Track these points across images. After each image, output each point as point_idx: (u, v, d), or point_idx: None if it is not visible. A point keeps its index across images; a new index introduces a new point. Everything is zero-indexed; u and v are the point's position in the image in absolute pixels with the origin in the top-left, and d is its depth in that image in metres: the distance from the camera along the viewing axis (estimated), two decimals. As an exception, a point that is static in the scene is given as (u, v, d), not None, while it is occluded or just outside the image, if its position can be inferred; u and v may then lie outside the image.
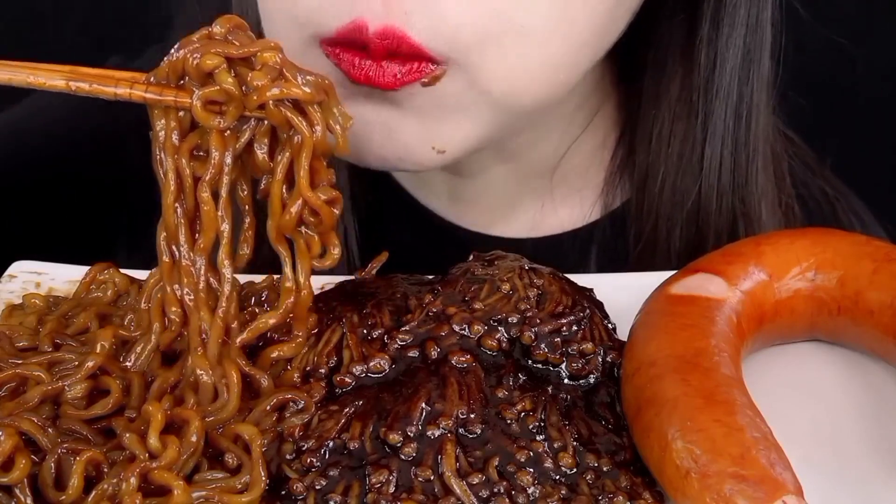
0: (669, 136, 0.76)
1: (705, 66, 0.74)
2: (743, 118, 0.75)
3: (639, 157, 0.78)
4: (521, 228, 0.81)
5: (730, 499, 0.47)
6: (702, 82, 0.74)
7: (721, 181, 0.76)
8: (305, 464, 0.53)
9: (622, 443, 0.55)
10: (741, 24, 0.73)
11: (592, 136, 0.81)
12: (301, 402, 0.55)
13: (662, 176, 0.76)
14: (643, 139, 0.78)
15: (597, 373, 0.58)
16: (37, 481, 0.50)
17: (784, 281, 0.60)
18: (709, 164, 0.75)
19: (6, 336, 0.58)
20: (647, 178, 0.77)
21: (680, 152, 0.76)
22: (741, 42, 0.73)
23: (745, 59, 0.74)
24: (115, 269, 0.64)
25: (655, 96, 0.77)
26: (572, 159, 0.80)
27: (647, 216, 0.78)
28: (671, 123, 0.76)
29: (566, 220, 0.81)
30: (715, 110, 0.75)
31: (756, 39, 0.74)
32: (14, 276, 0.66)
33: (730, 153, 0.76)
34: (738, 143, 0.76)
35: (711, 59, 0.74)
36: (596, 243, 0.80)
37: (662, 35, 0.76)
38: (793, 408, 0.58)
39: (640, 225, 0.78)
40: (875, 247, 0.61)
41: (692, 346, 0.55)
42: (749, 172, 0.76)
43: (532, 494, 0.51)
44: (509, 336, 0.58)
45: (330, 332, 0.58)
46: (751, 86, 0.75)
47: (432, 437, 0.53)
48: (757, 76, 0.75)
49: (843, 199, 0.86)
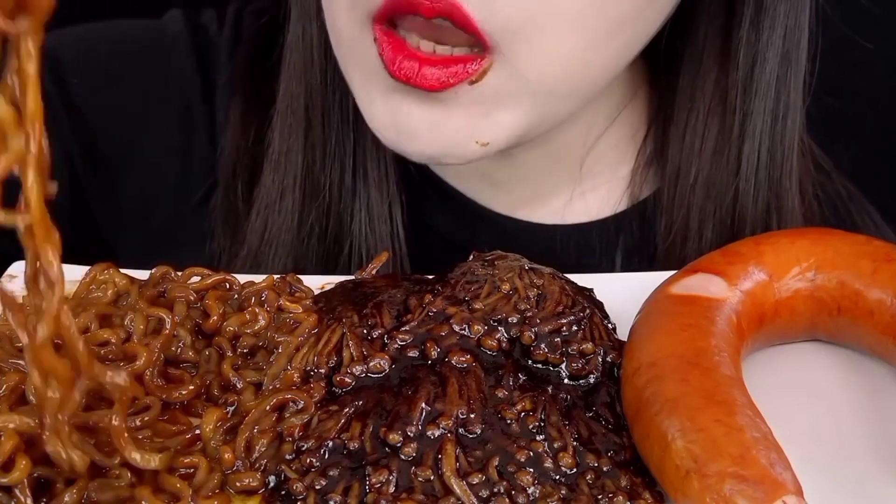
0: (704, 130, 0.77)
1: (744, 66, 0.75)
2: (779, 118, 0.76)
3: (672, 150, 0.78)
4: (549, 215, 0.81)
5: (730, 499, 0.47)
6: (740, 81, 0.75)
7: (758, 177, 0.77)
8: (305, 464, 0.53)
9: (622, 443, 0.55)
10: (781, 26, 0.74)
11: (622, 128, 0.81)
12: (301, 402, 0.55)
13: (696, 170, 0.77)
14: (676, 134, 0.78)
15: (597, 373, 0.58)
16: (37, 482, 0.51)
17: (784, 281, 0.60)
18: (747, 161, 0.76)
19: (6, 336, 0.58)
20: (679, 172, 0.78)
21: (714, 147, 0.77)
22: (780, 43, 0.74)
23: (784, 60, 0.75)
24: (115, 269, 0.64)
25: (691, 92, 0.77)
26: (601, 149, 0.80)
27: (679, 209, 0.78)
28: (706, 118, 0.77)
29: (594, 210, 0.82)
30: (754, 109, 0.75)
31: (794, 40, 0.74)
32: (14, 276, 0.66)
33: (767, 150, 0.76)
34: (775, 141, 0.76)
35: (751, 59, 0.74)
36: (623, 233, 0.81)
37: (699, 33, 0.76)
38: (793, 408, 0.58)
39: (670, 217, 0.79)
40: (875, 247, 0.61)
41: (692, 346, 0.55)
42: (784, 167, 0.77)
43: (532, 494, 0.51)
44: (509, 336, 0.58)
45: (330, 332, 0.58)
46: (788, 86, 0.76)
47: (432, 437, 0.53)
48: (794, 77, 0.76)
49: (856, 201, 0.87)
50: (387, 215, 0.77)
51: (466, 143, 0.66)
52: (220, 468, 0.52)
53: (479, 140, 0.65)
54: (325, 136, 0.77)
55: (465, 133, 0.65)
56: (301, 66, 0.77)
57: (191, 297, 0.61)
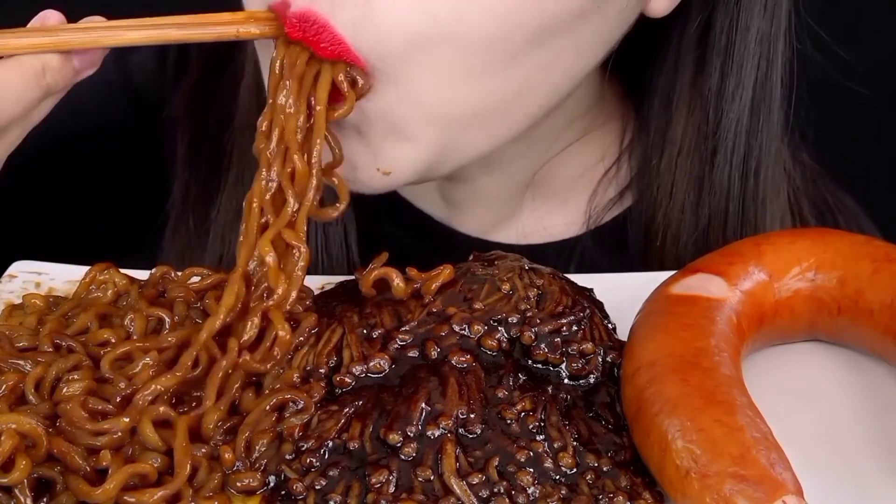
0: (677, 158, 0.76)
1: (713, 115, 0.74)
2: (751, 171, 0.75)
3: (645, 179, 0.78)
4: (512, 235, 0.81)
5: (730, 499, 0.47)
6: (710, 130, 0.74)
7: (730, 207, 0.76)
8: (305, 464, 0.53)
9: (622, 443, 0.55)
10: (748, 77, 0.72)
11: (589, 152, 0.80)
12: (301, 402, 0.55)
13: (671, 198, 0.76)
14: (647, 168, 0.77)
15: (597, 373, 0.58)
16: (37, 482, 0.51)
17: (784, 281, 0.60)
18: (718, 189, 0.75)
19: (6, 336, 0.58)
20: (655, 202, 0.77)
21: (685, 187, 0.76)
22: (749, 94, 0.73)
23: (753, 111, 0.74)
24: (115, 269, 0.64)
25: (664, 125, 0.76)
26: (564, 173, 0.80)
27: (654, 237, 0.78)
28: (677, 158, 0.76)
29: (556, 231, 0.82)
30: (718, 163, 0.74)
31: (766, 91, 0.73)
32: (14, 276, 0.66)
33: (739, 176, 0.75)
34: (748, 169, 0.75)
35: (718, 108, 0.73)
36: (581, 256, 0.80)
37: (669, 69, 0.75)
38: (793, 407, 0.58)
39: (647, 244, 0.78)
40: (875, 247, 0.61)
41: (692, 346, 0.55)
42: (758, 196, 0.76)
43: (532, 494, 0.51)
44: (509, 336, 0.58)
45: (330, 332, 0.58)
46: (760, 137, 0.74)
47: (432, 437, 0.53)
48: (767, 126, 0.75)
49: (844, 208, 0.86)
50: (342, 238, 0.76)
51: (368, 170, 0.64)
52: (221, 468, 0.52)
53: (380, 167, 0.64)
54: None
55: (364, 159, 0.63)
56: (254, 81, 0.77)
57: (191, 297, 0.61)
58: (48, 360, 0.56)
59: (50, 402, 0.54)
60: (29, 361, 0.56)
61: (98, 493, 0.50)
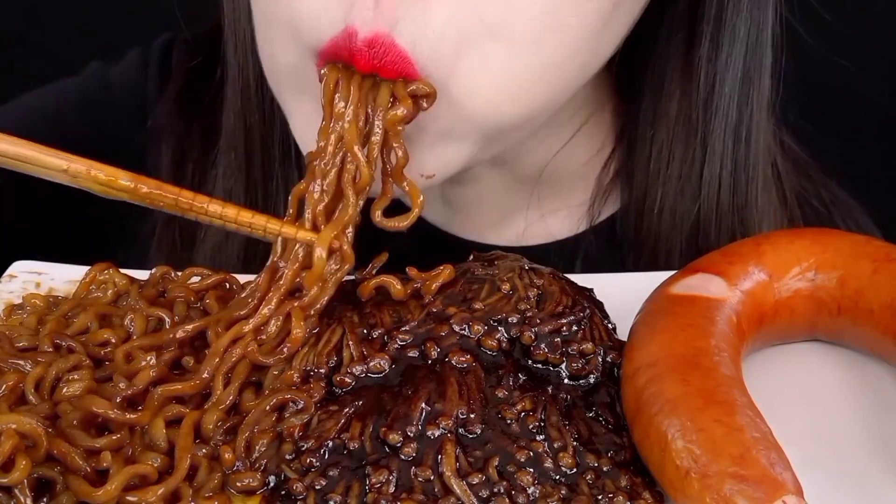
0: (669, 156, 0.76)
1: (704, 85, 0.73)
2: (742, 139, 0.75)
3: (637, 177, 0.78)
4: (510, 238, 0.81)
5: (730, 499, 0.47)
6: (700, 101, 0.74)
7: (720, 202, 0.76)
8: (305, 464, 0.53)
9: (622, 443, 0.55)
10: (740, 43, 0.72)
11: (586, 145, 0.80)
12: (301, 402, 0.55)
13: (661, 196, 0.76)
14: (641, 159, 0.77)
15: (597, 373, 0.58)
16: (37, 482, 0.51)
17: (784, 281, 0.60)
18: (708, 185, 0.75)
19: (6, 336, 0.58)
20: (645, 199, 0.77)
21: (679, 173, 0.76)
22: (741, 61, 0.73)
23: (744, 79, 0.73)
24: (115, 269, 0.64)
25: (653, 116, 0.76)
26: (564, 169, 0.79)
27: (647, 237, 0.77)
28: (670, 144, 0.76)
29: (555, 231, 0.81)
30: (714, 130, 0.74)
31: (756, 59, 0.73)
32: (14, 276, 0.66)
33: (729, 173, 0.75)
34: (738, 164, 0.75)
35: (710, 77, 0.73)
36: (582, 255, 0.80)
37: (661, 52, 0.75)
38: (793, 408, 0.58)
39: (638, 245, 0.78)
40: (875, 247, 0.61)
41: (692, 346, 0.55)
42: (749, 193, 0.76)
43: (532, 494, 0.51)
44: (509, 336, 0.58)
45: (330, 332, 0.58)
46: (750, 106, 0.74)
47: (432, 437, 0.53)
48: (756, 95, 0.74)
49: (840, 206, 0.86)
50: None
51: (412, 177, 0.63)
52: (221, 468, 0.52)
53: (424, 173, 0.64)
54: (266, 173, 0.77)
55: (410, 168, 0.63)
56: (239, 104, 0.77)
57: (191, 297, 0.61)
58: (48, 360, 0.56)
59: (50, 402, 0.54)
60: (29, 361, 0.56)
61: (99, 494, 0.50)
